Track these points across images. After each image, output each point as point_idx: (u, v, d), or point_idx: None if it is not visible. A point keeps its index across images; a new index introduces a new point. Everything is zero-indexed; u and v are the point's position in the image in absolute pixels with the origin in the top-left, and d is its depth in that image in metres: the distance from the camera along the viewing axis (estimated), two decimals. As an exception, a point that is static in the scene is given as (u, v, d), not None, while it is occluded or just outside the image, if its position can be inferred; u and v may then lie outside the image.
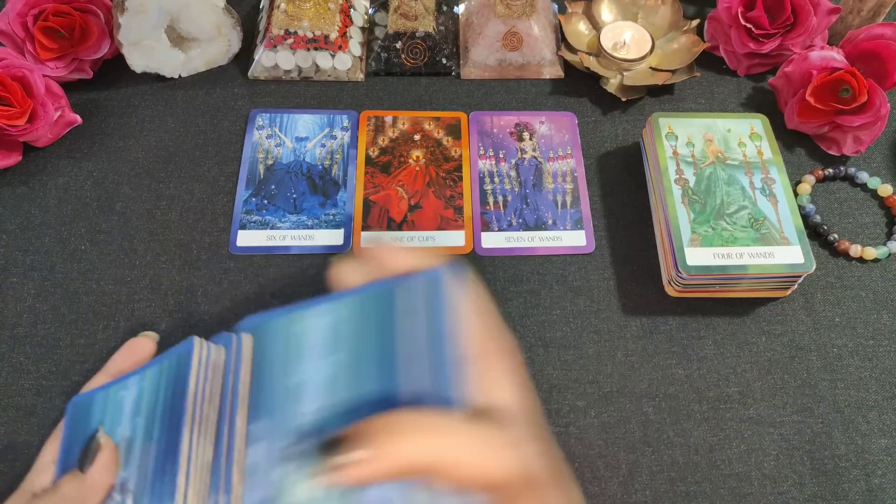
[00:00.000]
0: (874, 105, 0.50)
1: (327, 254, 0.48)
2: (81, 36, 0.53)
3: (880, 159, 0.54)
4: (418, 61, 0.57)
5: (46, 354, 0.44)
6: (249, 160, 0.52)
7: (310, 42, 0.55)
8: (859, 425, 0.43)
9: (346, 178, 0.51)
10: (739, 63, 0.58)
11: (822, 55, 0.52)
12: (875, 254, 0.49)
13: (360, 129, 0.54)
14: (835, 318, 0.47)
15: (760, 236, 0.45)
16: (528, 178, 0.52)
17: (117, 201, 0.50)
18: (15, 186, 0.50)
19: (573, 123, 0.55)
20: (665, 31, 0.59)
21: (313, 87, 0.57)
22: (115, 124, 0.54)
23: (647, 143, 0.52)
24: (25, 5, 0.51)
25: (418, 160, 0.53)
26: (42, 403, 0.42)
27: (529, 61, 0.58)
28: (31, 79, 0.48)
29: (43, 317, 0.45)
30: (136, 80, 0.56)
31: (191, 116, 0.54)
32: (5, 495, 0.39)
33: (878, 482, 0.41)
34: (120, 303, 0.46)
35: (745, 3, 0.55)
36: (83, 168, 0.51)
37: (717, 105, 0.57)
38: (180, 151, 0.53)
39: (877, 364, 0.45)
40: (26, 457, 0.40)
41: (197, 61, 0.56)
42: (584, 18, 0.60)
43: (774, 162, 0.49)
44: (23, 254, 0.47)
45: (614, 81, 0.56)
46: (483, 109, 0.56)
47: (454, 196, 0.51)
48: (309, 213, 0.50)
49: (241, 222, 0.49)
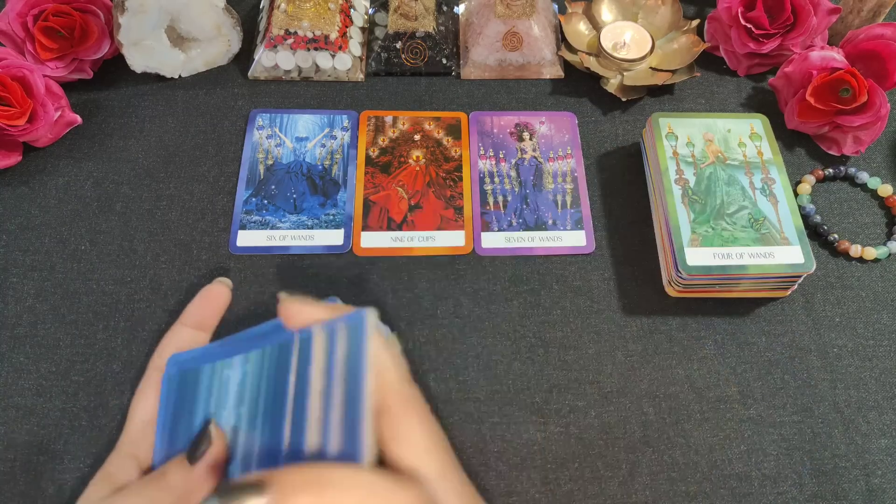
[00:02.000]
0: (874, 105, 0.50)
1: (327, 254, 0.48)
2: (81, 36, 0.53)
3: (880, 159, 0.54)
4: (418, 61, 0.57)
5: (46, 354, 0.44)
6: (249, 160, 0.52)
7: (310, 42, 0.55)
8: (859, 425, 0.43)
9: (346, 179, 0.51)
10: (739, 63, 0.58)
11: (822, 55, 0.52)
12: (875, 254, 0.49)
13: (360, 129, 0.54)
14: (835, 318, 0.47)
15: (760, 236, 0.45)
16: (528, 178, 0.52)
17: (117, 201, 0.50)
18: (15, 186, 0.50)
19: (573, 123, 0.55)
20: (665, 31, 0.59)
21: (313, 87, 0.57)
22: (115, 124, 0.54)
23: (647, 143, 0.52)
24: (25, 5, 0.51)
25: (418, 160, 0.53)
26: (42, 403, 0.42)
27: (529, 61, 0.58)
28: (31, 79, 0.48)
29: (43, 317, 0.45)
30: (136, 80, 0.56)
31: (191, 116, 0.54)
32: (6, 496, 0.39)
33: (878, 482, 0.41)
34: (120, 303, 0.46)
35: (745, 3, 0.55)
36: (83, 168, 0.51)
37: (717, 105, 0.57)
38: (180, 151, 0.53)
39: (877, 364, 0.45)
40: (26, 456, 0.40)
41: (197, 61, 0.56)
42: (584, 18, 0.60)
43: (774, 162, 0.49)
44: (23, 254, 0.47)
45: (614, 81, 0.56)
46: (483, 109, 0.56)
47: (454, 196, 0.51)
48: (309, 214, 0.50)
49: (241, 222, 0.49)
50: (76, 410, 0.42)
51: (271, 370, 0.30)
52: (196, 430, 0.31)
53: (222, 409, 0.31)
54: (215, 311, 0.37)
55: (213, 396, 0.32)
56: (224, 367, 0.32)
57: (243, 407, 0.31)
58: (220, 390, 0.32)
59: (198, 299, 0.37)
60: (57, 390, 0.42)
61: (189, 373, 0.33)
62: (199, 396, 0.32)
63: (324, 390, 0.28)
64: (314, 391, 0.28)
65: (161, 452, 0.32)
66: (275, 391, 0.30)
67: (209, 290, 0.37)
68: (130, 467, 0.32)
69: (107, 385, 0.43)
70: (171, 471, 0.30)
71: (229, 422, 0.31)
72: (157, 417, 0.33)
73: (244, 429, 0.30)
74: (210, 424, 0.30)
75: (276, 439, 0.28)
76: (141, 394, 0.35)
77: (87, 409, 0.42)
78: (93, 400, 0.42)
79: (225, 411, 0.31)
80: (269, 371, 0.31)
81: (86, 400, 0.42)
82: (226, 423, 0.31)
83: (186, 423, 0.32)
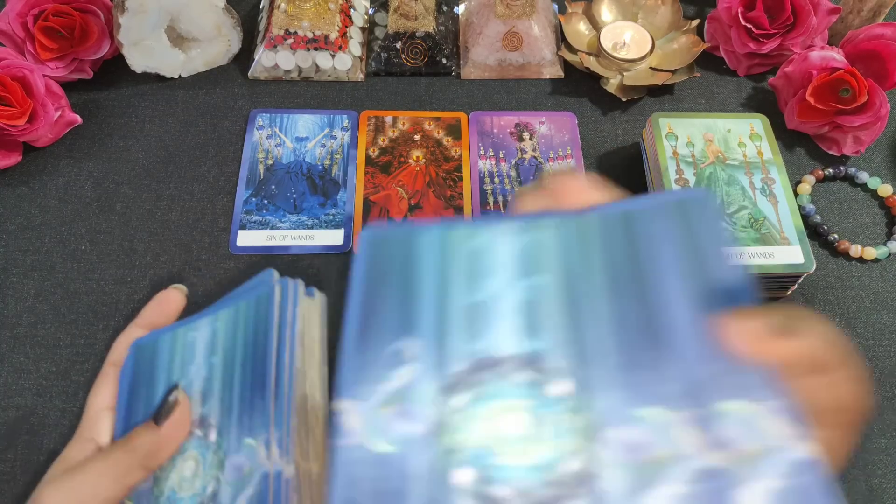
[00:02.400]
0: (874, 105, 0.50)
1: (327, 254, 0.48)
2: (81, 36, 0.53)
3: (880, 159, 0.54)
4: (418, 61, 0.57)
5: (46, 354, 0.44)
6: (249, 160, 0.52)
7: (310, 42, 0.55)
8: (859, 425, 0.43)
9: (346, 178, 0.51)
10: (739, 63, 0.58)
11: (822, 55, 0.52)
12: (875, 254, 0.49)
13: (360, 129, 0.54)
14: (835, 318, 0.47)
15: (760, 236, 0.45)
16: (529, 178, 0.52)
17: (117, 201, 0.50)
18: (15, 186, 0.50)
19: (573, 123, 0.55)
20: (665, 31, 0.59)
21: (313, 87, 0.57)
22: (115, 124, 0.54)
23: (647, 143, 0.52)
24: (25, 5, 0.51)
25: (418, 160, 0.53)
26: (42, 403, 0.42)
27: (529, 61, 0.58)
28: (31, 79, 0.48)
29: (43, 317, 0.45)
30: (136, 80, 0.56)
31: (191, 116, 0.54)
32: (6, 495, 0.39)
33: (878, 482, 0.41)
34: (120, 303, 0.46)
35: (745, 3, 0.55)
36: (83, 168, 0.51)
37: (717, 105, 0.57)
38: (180, 151, 0.53)
39: (877, 364, 0.45)
40: (26, 456, 0.40)
41: (197, 61, 0.56)
42: (584, 18, 0.60)
43: (774, 162, 0.49)
44: (23, 254, 0.47)
45: (614, 81, 0.56)
46: (483, 109, 0.56)
47: (454, 196, 0.51)
48: (309, 213, 0.50)
49: (241, 222, 0.49)
50: (76, 410, 0.42)
51: (248, 321, 0.31)
52: (158, 398, 0.32)
53: (189, 364, 0.32)
54: (168, 315, 0.37)
55: (175, 360, 0.32)
56: (188, 331, 0.33)
57: (216, 357, 0.31)
58: (185, 351, 0.32)
59: (153, 302, 0.38)
60: (57, 390, 0.42)
61: (145, 347, 0.34)
62: (159, 364, 0.33)
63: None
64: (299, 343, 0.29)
65: (121, 426, 0.32)
66: (254, 340, 0.30)
67: (164, 294, 0.38)
68: (90, 450, 0.32)
69: (107, 385, 0.43)
70: (137, 433, 0.30)
71: (200, 373, 0.31)
72: (114, 403, 0.34)
73: (219, 376, 0.31)
74: (175, 388, 0.31)
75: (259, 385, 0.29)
76: (96, 387, 0.35)
77: (87, 409, 0.42)
78: (93, 400, 0.42)
79: (193, 366, 0.31)
80: (244, 322, 0.31)
81: (86, 400, 0.42)
82: (195, 376, 0.31)
83: (146, 394, 0.32)
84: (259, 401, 0.29)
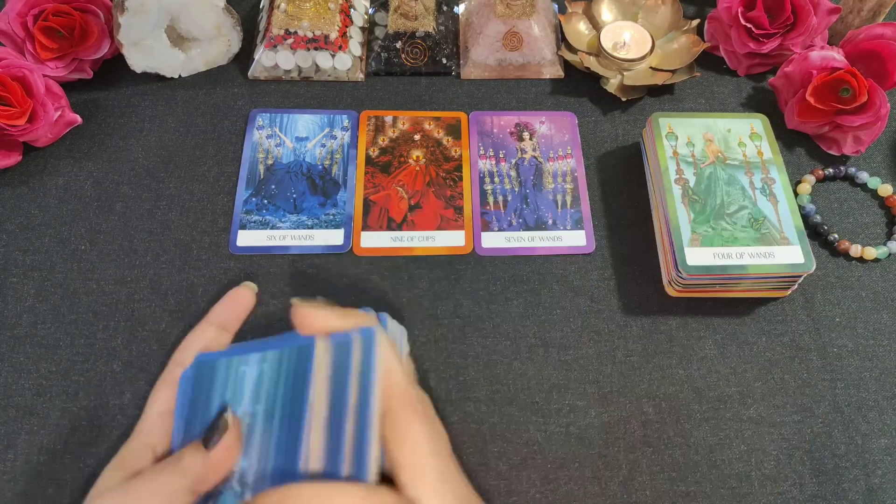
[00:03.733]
0: (874, 105, 0.50)
1: (327, 254, 0.48)
2: (81, 36, 0.53)
3: (880, 159, 0.54)
4: (418, 61, 0.57)
5: (46, 354, 0.44)
6: (249, 160, 0.52)
7: (310, 42, 0.55)
8: (859, 425, 0.43)
9: (346, 178, 0.51)
10: (739, 63, 0.58)
11: (822, 55, 0.52)
12: (875, 254, 0.49)
13: (360, 129, 0.54)
14: (835, 318, 0.47)
15: (760, 236, 0.45)
16: (528, 178, 0.52)
17: (117, 201, 0.50)
18: (15, 186, 0.50)
19: (573, 123, 0.55)
20: (665, 31, 0.59)
21: (313, 87, 0.57)
22: (115, 124, 0.54)
23: (647, 143, 0.52)
24: (25, 5, 0.51)
25: (418, 160, 0.53)
26: (42, 403, 0.42)
27: (529, 61, 0.58)
28: (31, 79, 0.48)
29: (43, 317, 0.45)
30: (136, 80, 0.56)
31: (191, 116, 0.54)
32: (6, 495, 0.39)
33: (878, 482, 0.41)
34: (120, 303, 0.46)
35: (745, 3, 0.55)
36: (83, 168, 0.51)
37: (717, 105, 0.57)
38: (180, 151, 0.53)
39: (877, 364, 0.45)
40: (26, 456, 0.40)
41: (197, 61, 0.56)
42: (584, 18, 0.60)
43: (774, 162, 0.49)
44: (23, 254, 0.47)
45: (614, 81, 0.56)
46: (483, 109, 0.56)
47: (454, 196, 0.51)
48: (309, 213, 0.50)
49: (241, 222, 0.49)
50: (76, 410, 0.42)
51: (289, 373, 0.31)
52: (212, 417, 0.31)
53: (237, 405, 0.32)
54: (240, 314, 0.38)
55: (228, 389, 0.32)
56: (240, 363, 0.33)
57: (259, 405, 0.31)
58: (236, 384, 0.32)
59: (224, 300, 0.38)
60: (57, 390, 0.42)
61: (205, 365, 0.34)
62: (216, 387, 0.33)
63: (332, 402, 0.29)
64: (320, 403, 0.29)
65: (178, 440, 0.33)
66: (292, 396, 0.30)
67: (235, 293, 0.38)
68: (145, 455, 0.32)
69: (107, 385, 0.43)
70: (186, 455, 0.30)
71: (245, 418, 0.31)
72: (173, 408, 0.34)
73: (259, 427, 0.30)
74: (226, 412, 0.31)
75: (292, 445, 0.29)
76: (159, 386, 0.35)
77: (87, 409, 0.42)
78: (93, 400, 0.42)
79: (240, 408, 0.31)
80: (286, 374, 0.31)
81: (86, 400, 0.42)
82: (241, 416, 0.31)
83: (203, 412, 0.32)
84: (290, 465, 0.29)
